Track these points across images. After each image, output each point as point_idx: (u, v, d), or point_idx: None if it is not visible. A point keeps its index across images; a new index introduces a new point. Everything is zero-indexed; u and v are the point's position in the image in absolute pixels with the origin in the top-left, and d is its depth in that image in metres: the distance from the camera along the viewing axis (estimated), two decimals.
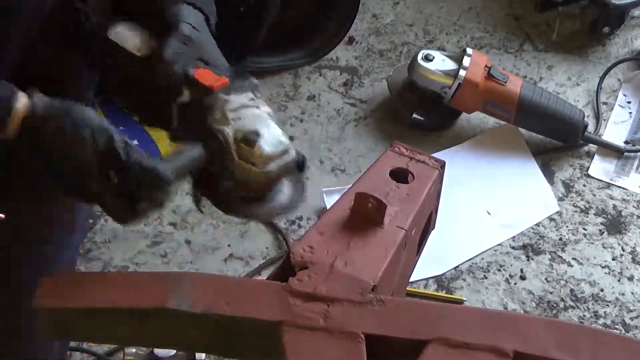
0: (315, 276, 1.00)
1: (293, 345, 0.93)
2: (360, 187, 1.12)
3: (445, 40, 2.09)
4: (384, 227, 1.08)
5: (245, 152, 1.10)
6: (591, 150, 1.85)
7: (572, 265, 1.65)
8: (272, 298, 0.98)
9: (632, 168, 1.81)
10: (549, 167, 1.82)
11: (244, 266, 1.62)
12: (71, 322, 1.04)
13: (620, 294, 1.60)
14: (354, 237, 1.06)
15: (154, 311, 1.00)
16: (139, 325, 1.03)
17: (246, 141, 1.10)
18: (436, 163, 1.20)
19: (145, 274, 1.04)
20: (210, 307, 0.98)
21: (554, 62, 2.04)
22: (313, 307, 0.97)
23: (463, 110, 1.86)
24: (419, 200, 1.13)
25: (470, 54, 1.80)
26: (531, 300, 1.59)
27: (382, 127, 1.89)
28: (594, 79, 1.99)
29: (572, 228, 1.71)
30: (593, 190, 1.78)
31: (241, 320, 0.98)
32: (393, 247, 1.06)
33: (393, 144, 1.20)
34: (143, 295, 1.01)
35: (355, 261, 1.02)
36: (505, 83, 1.80)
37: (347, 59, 2.04)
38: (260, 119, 1.13)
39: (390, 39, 2.09)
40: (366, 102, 1.94)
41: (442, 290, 1.60)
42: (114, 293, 1.02)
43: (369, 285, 0.99)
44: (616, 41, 2.08)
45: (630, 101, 1.95)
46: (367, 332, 0.94)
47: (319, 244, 1.05)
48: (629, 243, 1.68)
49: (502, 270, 1.63)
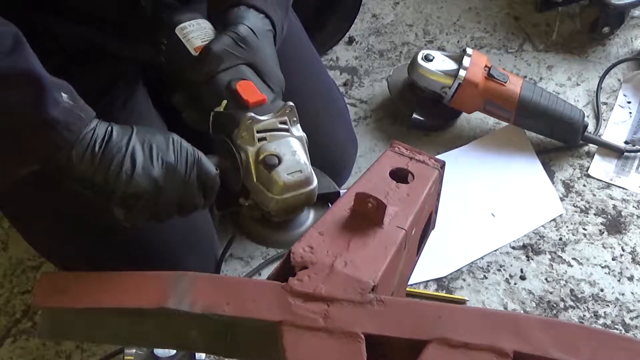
0: (315, 276, 1.00)
1: (293, 345, 0.93)
2: (360, 187, 1.12)
3: (445, 40, 2.09)
4: (384, 227, 1.08)
5: (263, 175, 1.09)
6: (591, 150, 1.85)
7: (572, 265, 1.64)
8: (272, 298, 0.98)
9: (632, 168, 1.81)
10: (549, 167, 1.82)
11: (244, 266, 1.62)
12: (71, 322, 1.04)
13: (620, 294, 1.60)
14: (354, 237, 1.06)
15: (153, 311, 1.00)
16: (139, 325, 1.03)
17: (265, 164, 1.09)
18: (436, 163, 1.20)
19: (145, 274, 1.04)
20: (210, 307, 0.98)
21: (554, 62, 2.03)
22: (313, 307, 0.97)
23: (463, 110, 1.86)
24: (419, 200, 1.13)
25: (470, 54, 1.80)
26: (531, 300, 1.59)
27: (382, 127, 1.89)
28: (594, 79, 1.99)
29: (572, 228, 1.71)
30: (593, 190, 1.78)
31: (241, 320, 0.98)
32: (393, 247, 1.06)
33: (393, 144, 1.21)
34: (143, 295, 1.01)
35: (355, 261, 1.03)
36: (505, 83, 1.80)
37: (347, 59, 2.04)
38: (286, 144, 1.10)
39: (390, 39, 2.09)
40: (366, 102, 1.94)
41: (442, 291, 1.60)
42: (114, 293, 1.02)
43: (369, 285, 0.99)
44: (616, 41, 2.08)
45: (630, 101, 1.94)
46: (367, 332, 0.94)
47: (319, 244, 1.05)
48: (629, 243, 1.68)
49: (502, 270, 1.63)
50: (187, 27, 1.20)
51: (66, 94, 1.01)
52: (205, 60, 1.14)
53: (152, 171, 1.03)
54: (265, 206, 1.10)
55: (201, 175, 1.07)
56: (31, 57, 1.00)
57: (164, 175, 1.04)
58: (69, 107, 1.00)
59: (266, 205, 1.10)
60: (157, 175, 1.04)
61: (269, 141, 1.10)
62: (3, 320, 1.54)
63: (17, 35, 1.00)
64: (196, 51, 1.17)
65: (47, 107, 0.98)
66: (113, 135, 1.03)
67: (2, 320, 1.54)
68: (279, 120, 1.11)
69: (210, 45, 1.14)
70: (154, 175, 1.03)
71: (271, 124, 1.11)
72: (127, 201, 1.04)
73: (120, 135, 1.04)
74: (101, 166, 1.02)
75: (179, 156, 1.05)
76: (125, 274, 1.04)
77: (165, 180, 1.04)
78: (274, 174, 1.08)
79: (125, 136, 1.04)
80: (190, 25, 1.20)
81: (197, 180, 1.06)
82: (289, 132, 1.11)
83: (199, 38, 1.19)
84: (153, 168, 1.03)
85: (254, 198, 1.11)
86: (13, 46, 0.99)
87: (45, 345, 1.50)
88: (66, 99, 1.00)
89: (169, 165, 1.04)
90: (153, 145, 1.05)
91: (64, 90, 1.01)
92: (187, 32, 1.20)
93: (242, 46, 1.14)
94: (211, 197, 1.09)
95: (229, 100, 1.12)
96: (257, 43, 1.16)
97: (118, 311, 1.01)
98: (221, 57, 1.13)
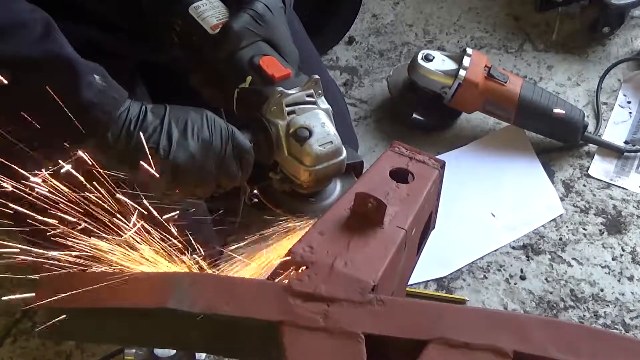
0: (315, 276, 1.00)
1: (293, 345, 0.93)
2: (360, 187, 1.12)
3: (445, 40, 2.09)
4: (384, 227, 1.08)
5: (295, 148, 1.10)
6: (591, 150, 1.85)
7: (572, 265, 1.65)
8: (272, 298, 0.98)
9: (632, 168, 1.81)
10: (549, 167, 1.82)
11: None
12: (71, 322, 1.04)
13: (620, 294, 1.60)
14: (354, 237, 1.06)
15: (154, 311, 1.00)
16: (139, 325, 1.03)
17: (297, 137, 1.10)
18: (436, 163, 1.20)
19: (145, 274, 1.04)
20: (210, 307, 0.98)
21: (554, 62, 2.04)
22: (313, 307, 0.97)
23: (463, 110, 1.86)
24: (419, 200, 1.13)
25: (470, 54, 1.80)
26: (531, 300, 1.59)
27: (382, 127, 1.89)
28: (594, 79, 1.99)
29: (572, 228, 1.71)
30: (593, 190, 1.78)
31: (241, 320, 0.98)
32: (393, 247, 1.06)
33: (393, 144, 1.20)
34: (143, 295, 1.01)
35: (355, 261, 1.02)
36: (505, 83, 1.80)
37: (347, 59, 2.04)
38: (315, 117, 1.12)
39: (390, 39, 2.09)
40: (366, 102, 1.94)
41: (442, 290, 1.60)
42: (114, 293, 1.01)
43: (369, 285, 0.99)
44: (616, 41, 2.08)
45: (630, 101, 1.94)
46: (367, 332, 0.94)
47: (319, 244, 1.04)
48: (629, 243, 1.68)
49: (502, 270, 1.63)
50: (200, 7, 1.21)
51: (99, 75, 1.03)
52: (227, 39, 1.15)
53: (189, 146, 1.05)
54: (297, 178, 1.11)
55: (237, 149, 1.08)
56: (63, 41, 1.02)
57: (200, 150, 1.06)
58: (103, 89, 1.02)
59: (298, 177, 1.11)
60: (193, 151, 1.05)
61: (298, 114, 1.11)
62: (3, 320, 1.54)
63: (48, 21, 1.02)
64: (213, 30, 1.18)
65: (81, 90, 1.00)
66: (147, 114, 1.05)
67: (2, 320, 1.54)
68: (306, 93, 1.13)
69: (231, 24, 1.15)
70: (190, 150, 1.05)
71: (299, 97, 1.12)
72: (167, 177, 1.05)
73: (155, 113, 1.06)
74: (138, 144, 1.03)
75: (213, 131, 1.07)
76: (125, 274, 1.04)
77: (202, 155, 1.06)
78: (307, 146, 1.09)
79: (159, 114, 1.06)
80: (203, 5, 1.21)
81: (232, 153, 1.08)
82: (315, 104, 1.12)
83: (213, 17, 1.20)
84: (189, 144, 1.05)
85: (284, 171, 1.12)
86: (44, 32, 1.00)
87: (45, 345, 1.50)
88: (99, 80, 1.02)
89: (204, 141, 1.06)
90: (188, 121, 1.06)
91: (97, 73, 1.03)
92: (201, 12, 1.20)
93: (260, 23, 1.16)
94: (248, 170, 1.11)
95: (254, 76, 1.13)
96: (274, 19, 1.18)
97: (118, 311, 1.01)
98: (242, 35, 1.15)
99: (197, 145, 1.06)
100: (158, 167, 1.05)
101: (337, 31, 2.03)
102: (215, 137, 1.07)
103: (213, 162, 1.07)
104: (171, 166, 1.05)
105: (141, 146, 1.04)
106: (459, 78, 1.78)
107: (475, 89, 1.79)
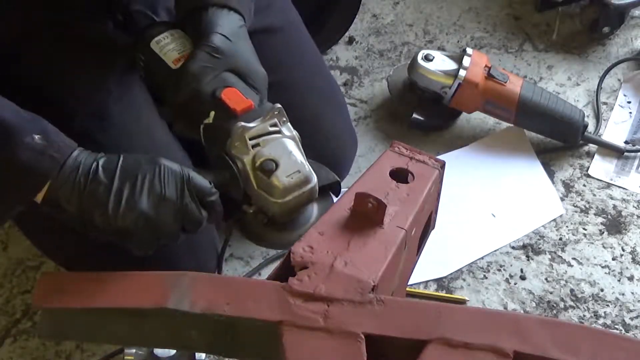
0: (315, 276, 1.00)
1: (293, 345, 0.93)
2: (360, 187, 1.12)
3: (445, 40, 2.09)
4: (384, 227, 1.08)
5: (262, 181, 1.09)
6: (591, 150, 1.85)
7: (572, 265, 1.64)
8: (272, 298, 0.98)
9: (632, 168, 1.81)
10: (549, 167, 1.82)
11: (244, 266, 1.62)
12: (71, 322, 1.04)
13: (620, 294, 1.60)
14: (354, 237, 1.06)
15: (153, 311, 1.00)
16: (139, 325, 1.03)
17: (263, 170, 1.08)
18: (436, 163, 1.20)
19: (145, 274, 1.04)
20: (210, 307, 0.98)
21: (554, 62, 2.03)
22: (313, 307, 0.97)
23: (463, 110, 1.86)
24: (419, 200, 1.13)
25: (470, 54, 1.80)
26: (531, 300, 1.59)
27: (382, 127, 1.89)
28: (594, 79, 1.99)
29: (572, 228, 1.71)
30: (593, 190, 1.77)
31: (241, 320, 0.98)
32: (393, 247, 1.06)
33: (393, 144, 1.20)
34: (143, 295, 1.01)
35: (355, 261, 1.02)
36: (505, 83, 1.80)
37: (347, 59, 2.04)
38: (281, 146, 1.10)
39: (390, 39, 2.09)
40: (366, 102, 1.94)
41: (442, 290, 1.60)
42: (114, 293, 1.02)
43: (369, 285, 0.99)
44: (616, 41, 2.08)
45: (630, 101, 1.94)
46: (367, 332, 0.94)
47: (319, 244, 1.05)
48: (629, 243, 1.68)
49: (502, 270, 1.63)
50: (162, 41, 1.19)
51: (38, 134, 0.98)
52: (185, 81, 1.13)
53: (139, 205, 1.02)
54: (268, 210, 1.10)
55: (196, 193, 1.05)
56: None
57: (153, 206, 1.02)
58: (41, 149, 0.98)
59: (270, 209, 1.10)
60: (145, 208, 1.02)
61: (263, 146, 1.09)
62: (3, 320, 1.54)
63: None
64: (175, 64, 1.17)
65: (15, 151, 0.96)
66: (99, 171, 1.01)
67: (2, 320, 1.54)
68: (269, 123, 1.11)
69: (187, 66, 1.13)
70: (141, 209, 1.02)
71: (262, 129, 1.10)
72: (122, 235, 1.03)
73: (106, 170, 1.02)
74: (88, 205, 1.01)
75: (166, 182, 1.03)
76: (125, 274, 1.04)
77: (157, 210, 1.02)
78: (274, 179, 1.07)
79: (109, 171, 1.02)
80: (164, 38, 1.19)
81: (193, 199, 1.05)
82: (280, 133, 1.11)
83: (175, 50, 1.18)
84: (140, 202, 1.02)
85: (256, 204, 1.10)
86: None
87: (45, 345, 1.50)
88: (38, 139, 0.98)
89: (156, 196, 1.02)
90: (138, 176, 1.02)
91: (35, 131, 0.98)
92: (162, 46, 1.19)
93: (218, 57, 1.13)
94: (213, 211, 1.08)
95: (217, 111, 1.11)
96: (233, 48, 1.14)
97: (118, 311, 1.01)
98: (201, 75, 1.12)
99: (148, 203, 1.02)
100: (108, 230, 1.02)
101: (337, 30, 2.03)
102: (168, 189, 1.03)
103: (170, 214, 1.03)
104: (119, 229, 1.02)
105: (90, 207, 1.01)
106: (459, 78, 1.78)
107: (476, 89, 1.79)
